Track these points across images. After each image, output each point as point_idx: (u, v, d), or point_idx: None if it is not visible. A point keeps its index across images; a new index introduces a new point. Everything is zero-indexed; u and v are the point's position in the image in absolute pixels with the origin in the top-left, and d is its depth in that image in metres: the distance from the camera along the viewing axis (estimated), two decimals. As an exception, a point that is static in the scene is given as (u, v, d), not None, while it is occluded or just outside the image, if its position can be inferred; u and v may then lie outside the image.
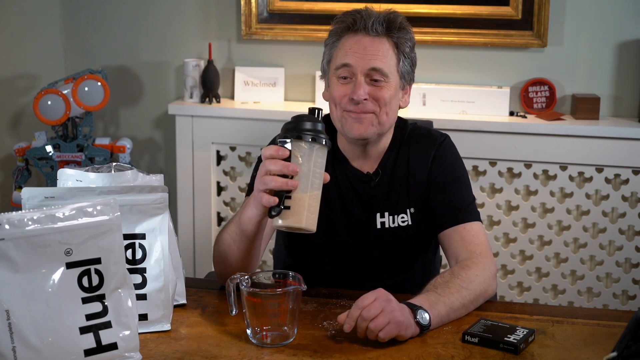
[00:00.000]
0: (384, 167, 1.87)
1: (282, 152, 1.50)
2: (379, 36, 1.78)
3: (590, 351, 1.48)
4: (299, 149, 1.49)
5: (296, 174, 1.48)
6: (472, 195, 1.87)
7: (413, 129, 1.92)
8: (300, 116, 1.51)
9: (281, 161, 1.49)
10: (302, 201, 1.49)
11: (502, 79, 3.09)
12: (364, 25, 1.77)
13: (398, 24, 1.79)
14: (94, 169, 1.60)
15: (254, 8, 3.15)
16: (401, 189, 1.87)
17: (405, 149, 1.88)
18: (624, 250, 2.97)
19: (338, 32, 1.82)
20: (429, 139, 1.90)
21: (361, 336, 1.48)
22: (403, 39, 1.80)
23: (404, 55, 1.81)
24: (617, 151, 2.88)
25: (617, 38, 2.98)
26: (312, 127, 1.49)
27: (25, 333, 1.31)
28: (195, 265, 3.22)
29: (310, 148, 1.49)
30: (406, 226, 1.87)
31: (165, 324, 1.55)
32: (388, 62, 1.77)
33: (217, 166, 3.18)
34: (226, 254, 1.71)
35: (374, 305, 1.47)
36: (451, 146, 1.91)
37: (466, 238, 1.78)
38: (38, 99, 3.03)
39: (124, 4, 3.30)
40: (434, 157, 1.87)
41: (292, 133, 1.49)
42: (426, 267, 1.97)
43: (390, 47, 1.78)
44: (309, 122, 1.50)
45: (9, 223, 1.31)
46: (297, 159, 1.49)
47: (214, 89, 3.13)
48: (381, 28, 1.77)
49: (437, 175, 1.86)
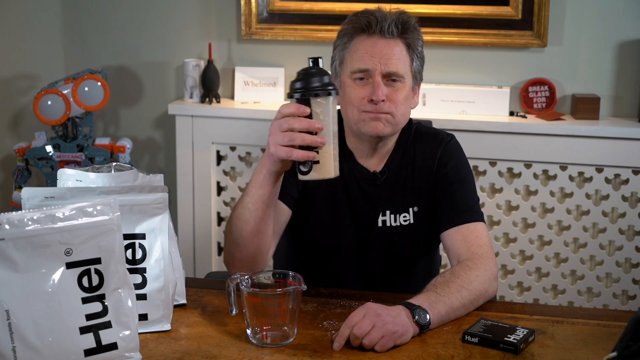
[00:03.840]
0: (390, 166, 1.87)
1: (303, 110, 1.51)
2: (394, 38, 1.78)
3: (590, 351, 1.48)
4: (318, 106, 1.52)
5: (321, 130, 1.51)
6: (476, 196, 1.88)
7: (418, 127, 1.93)
8: (310, 72, 1.53)
9: (306, 119, 1.51)
10: (329, 153, 1.52)
11: (502, 79, 3.09)
12: (381, 28, 1.77)
13: (412, 26, 1.80)
14: (94, 169, 1.60)
15: (254, 8, 3.15)
16: (405, 188, 1.87)
17: (411, 148, 1.89)
18: (624, 250, 2.97)
19: (350, 33, 1.81)
20: (435, 138, 1.91)
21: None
22: (416, 39, 1.81)
23: (416, 55, 1.82)
24: (617, 151, 2.88)
25: (617, 38, 2.98)
26: (325, 81, 1.52)
27: (25, 333, 1.31)
28: (195, 265, 3.22)
29: (327, 102, 1.52)
30: (408, 225, 1.87)
31: (165, 324, 1.55)
32: (404, 64, 1.78)
33: (217, 166, 3.18)
34: (241, 230, 1.69)
35: (364, 322, 1.46)
36: (457, 146, 1.92)
37: (469, 238, 1.78)
38: (38, 99, 3.03)
39: (124, 4, 3.30)
40: (441, 156, 1.88)
41: (309, 92, 1.51)
42: (428, 266, 1.97)
43: (404, 48, 1.79)
44: (319, 75, 1.52)
45: (9, 223, 1.31)
46: (318, 115, 1.52)
47: (214, 89, 3.13)
48: (397, 30, 1.78)
49: (442, 175, 1.86)
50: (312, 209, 1.87)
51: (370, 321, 1.46)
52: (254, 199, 1.65)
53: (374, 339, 1.45)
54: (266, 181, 1.62)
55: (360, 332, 1.45)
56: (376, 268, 1.90)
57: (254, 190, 1.65)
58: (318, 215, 1.88)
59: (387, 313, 1.48)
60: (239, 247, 1.70)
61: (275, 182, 1.63)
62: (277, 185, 1.65)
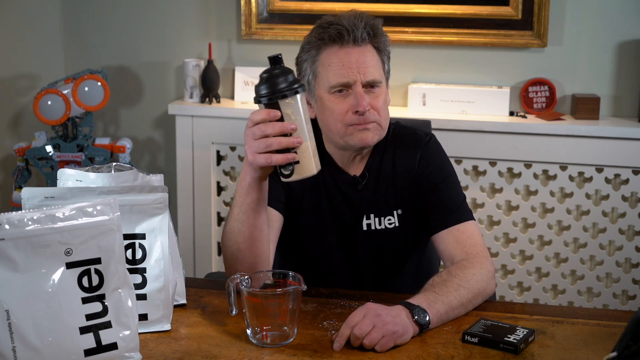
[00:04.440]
0: (370, 169, 1.86)
1: (273, 114, 1.50)
2: (365, 44, 1.76)
3: (590, 351, 1.48)
4: (288, 106, 1.50)
5: (295, 130, 1.49)
6: (462, 194, 1.86)
7: (395, 128, 1.90)
8: (273, 73, 1.51)
9: (278, 123, 1.49)
10: (307, 151, 1.51)
11: (502, 79, 3.09)
12: (354, 37, 1.74)
13: (380, 28, 1.78)
14: (94, 169, 1.60)
15: (254, 8, 3.15)
16: (388, 191, 1.86)
17: (390, 150, 1.87)
18: (624, 250, 2.97)
19: (317, 45, 1.78)
20: (414, 139, 1.88)
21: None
22: (384, 41, 1.80)
23: (386, 56, 1.81)
24: (617, 151, 2.89)
25: (617, 38, 2.98)
26: (290, 79, 1.50)
27: (25, 333, 1.31)
28: (195, 265, 3.22)
29: (296, 101, 1.50)
30: (393, 228, 1.86)
31: (165, 324, 1.55)
32: (379, 69, 1.77)
33: (217, 166, 3.18)
34: (237, 242, 1.67)
35: (364, 323, 1.46)
36: (437, 146, 1.89)
37: (461, 239, 1.77)
38: (38, 99, 3.03)
39: (124, 4, 3.30)
40: (421, 157, 1.86)
41: (276, 95, 1.49)
42: (416, 267, 1.96)
43: (375, 53, 1.78)
44: (283, 75, 1.50)
45: (9, 223, 1.31)
46: (290, 116, 1.50)
47: (214, 89, 3.13)
48: (368, 37, 1.76)
49: (425, 176, 1.84)
50: (298, 216, 1.86)
51: (371, 321, 1.46)
52: (243, 209, 1.64)
53: (375, 339, 1.45)
54: (252, 188, 1.61)
55: (360, 332, 1.45)
56: (365, 271, 1.89)
57: (241, 199, 1.64)
58: (304, 221, 1.87)
59: (387, 313, 1.48)
60: (237, 260, 1.69)
61: (261, 187, 1.62)
62: (264, 190, 1.63)
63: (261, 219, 1.65)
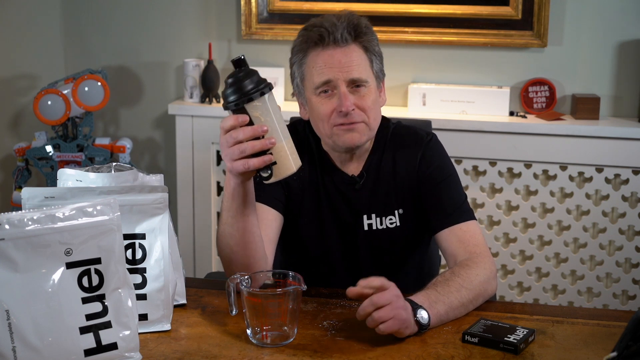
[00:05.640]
0: (368, 169, 1.86)
1: (242, 119, 1.49)
2: (349, 44, 1.76)
3: (590, 351, 1.48)
4: (256, 109, 1.49)
5: (266, 132, 1.49)
6: (463, 194, 1.86)
7: (396, 128, 1.90)
8: (237, 77, 1.50)
9: (249, 127, 1.49)
10: (283, 150, 1.50)
11: (502, 79, 3.09)
12: (334, 38, 1.74)
13: (364, 27, 1.78)
14: (94, 169, 1.60)
15: (254, 8, 3.15)
16: (388, 190, 1.86)
17: (390, 149, 1.87)
18: (624, 250, 2.97)
19: (304, 49, 1.80)
20: (415, 138, 1.88)
21: (361, 318, 1.48)
22: (371, 39, 1.79)
23: (374, 55, 1.80)
24: (617, 151, 2.89)
25: (617, 38, 2.98)
26: (255, 81, 1.49)
27: (25, 333, 1.31)
28: (195, 265, 3.22)
29: (264, 102, 1.50)
30: (394, 227, 1.86)
31: (165, 324, 1.55)
32: (364, 68, 1.76)
33: (217, 166, 3.18)
34: (229, 245, 1.68)
35: (385, 295, 1.47)
36: (438, 145, 1.89)
37: (463, 239, 1.77)
38: (38, 99, 3.03)
39: (124, 4, 3.30)
40: (422, 157, 1.85)
41: (242, 99, 1.48)
42: (418, 267, 1.96)
43: (361, 52, 1.77)
44: (247, 78, 1.49)
45: (9, 223, 1.31)
46: (259, 118, 1.49)
47: (214, 89, 3.13)
48: (350, 37, 1.75)
49: (427, 176, 1.84)
50: (299, 216, 1.87)
51: (390, 297, 1.47)
52: (231, 213, 1.65)
53: (384, 316, 1.46)
54: (236, 192, 1.61)
55: (378, 300, 1.46)
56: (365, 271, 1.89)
57: (228, 204, 1.65)
58: (304, 221, 1.87)
59: (404, 300, 1.51)
60: (232, 261, 1.70)
61: (246, 191, 1.62)
62: (249, 193, 1.64)
63: (250, 221, 1.66)
